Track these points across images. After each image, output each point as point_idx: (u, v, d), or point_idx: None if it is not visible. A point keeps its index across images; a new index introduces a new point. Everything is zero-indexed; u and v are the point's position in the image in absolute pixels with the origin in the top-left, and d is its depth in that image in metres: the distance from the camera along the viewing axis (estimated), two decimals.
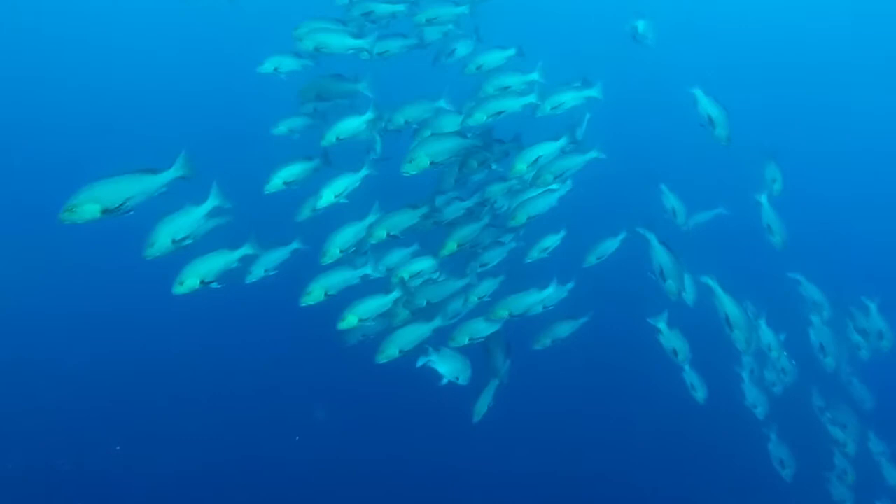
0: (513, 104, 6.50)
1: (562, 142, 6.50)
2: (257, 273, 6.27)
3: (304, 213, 6.53)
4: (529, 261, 7.05)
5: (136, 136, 13.97)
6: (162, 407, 9.86)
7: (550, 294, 6.82)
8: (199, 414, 9.91)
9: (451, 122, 6.65)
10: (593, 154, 6.74)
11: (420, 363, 6.14)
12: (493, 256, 6.93)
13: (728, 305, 5.96)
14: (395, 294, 6.26)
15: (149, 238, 4.93)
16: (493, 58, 7.09)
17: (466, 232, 6.59)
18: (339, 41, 6.54)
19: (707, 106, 6.54)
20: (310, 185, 6.63)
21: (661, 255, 6.16)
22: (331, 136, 6.66)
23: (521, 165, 6.33)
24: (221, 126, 14.33)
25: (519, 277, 6.91)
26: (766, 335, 7.66)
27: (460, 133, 6.20)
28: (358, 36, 6.65)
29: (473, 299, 6.71)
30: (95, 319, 11.08)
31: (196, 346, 10.63)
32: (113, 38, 18.96)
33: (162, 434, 9.63)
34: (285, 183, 6.46)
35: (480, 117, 6.29)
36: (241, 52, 10.33)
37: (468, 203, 6.88)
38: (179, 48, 18.20)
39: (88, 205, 4.32)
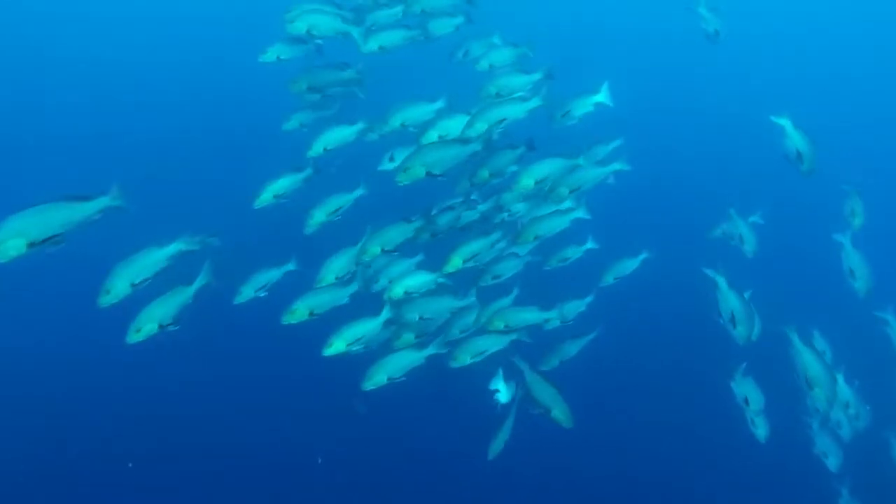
0: (516, 111, 6.07)
1: (577, 159, 6.13)
2: (247, 294, 6.15)
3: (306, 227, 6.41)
4: (549, 268, 6.90)
5: (121, 142, 13.44)
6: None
7: (562, 311, 6.71)
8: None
9: (455, 126, 6.12)
10: (616, 166, 6.36)
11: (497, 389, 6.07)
12: (507, 269, 6.51)
13: (809, 362, 5.33)
14: (385, 315, 5.86)
15: (105, 284, 4.60)
16: (504, 55, 6.87)
17: (474, 248, 6.15)
18: (330, 23, 6.42)
19: (797, 140, 6.02)
20: (300, 198, 6.49)
21: (731, 301, 5.60)
22: (318, 147, 6.55)
23: (528, 181, 5.92)
24: (214, 128, 13.80)
25: (533, 288, 6.64)
26: (844, 391, 6.80)
27: (461, 140, 5.72)
28: (352, 21, 6.50)
29: (478, 321, 6.33)
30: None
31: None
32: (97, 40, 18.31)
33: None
34: (276, 196, 6.37)
35: (482, 126, 5.83)
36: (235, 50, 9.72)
37: (474, 213, 6.47)
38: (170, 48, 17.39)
39: (12, 240, 3.96)
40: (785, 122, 6.02)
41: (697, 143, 15.32)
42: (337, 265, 6.00)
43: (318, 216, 6.34)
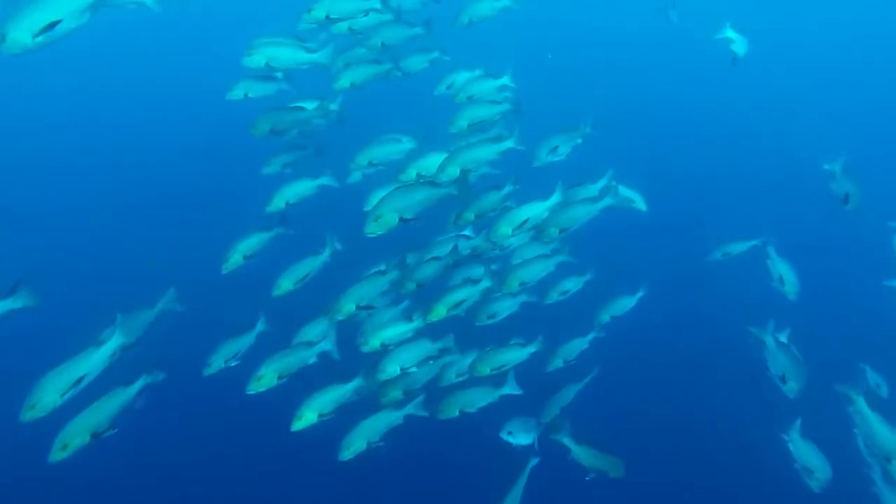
0: (487, 152, 5.93)
1: (555, 198, 5.86)
2: (217, 364, 5.74)
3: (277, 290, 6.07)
4: (549, 302, 6.77)
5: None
6: None
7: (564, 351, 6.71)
8: None
9: (431, 164, 5.92)
10: (607, 201, 6.04)
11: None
12: (502, 308, 6.29)
13: (880, 432, 5.09)
14: (357, 382, 5.46)
15: (30, 397, 4.10)
16: (485, 87, 6.86)
17: (461, 296, 5.91)
18: (291, 55, 6.07)
19: (846, 183, 6.10)
20: (268, 256, 6.28)
21: (781, 359, 5.52)
22: (279, 202, 6.41)
23: (506, 229, 5.71)
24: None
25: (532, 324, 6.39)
26: None
27: (433, 182, 5.44)
28: (314, 50, 6.18)
29: (457, 369, 6.11)
30: None
31: None
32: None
33: None
34: (245, 257, 6.13)
35: (454, 171, 5.63)
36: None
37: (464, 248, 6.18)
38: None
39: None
40: (836, 168, 6.06)
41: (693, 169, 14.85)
42: (311, 332, 5.74)
43: (286, 284, 6.01)
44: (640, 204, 7.42)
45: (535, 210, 5.73)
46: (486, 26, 7.24)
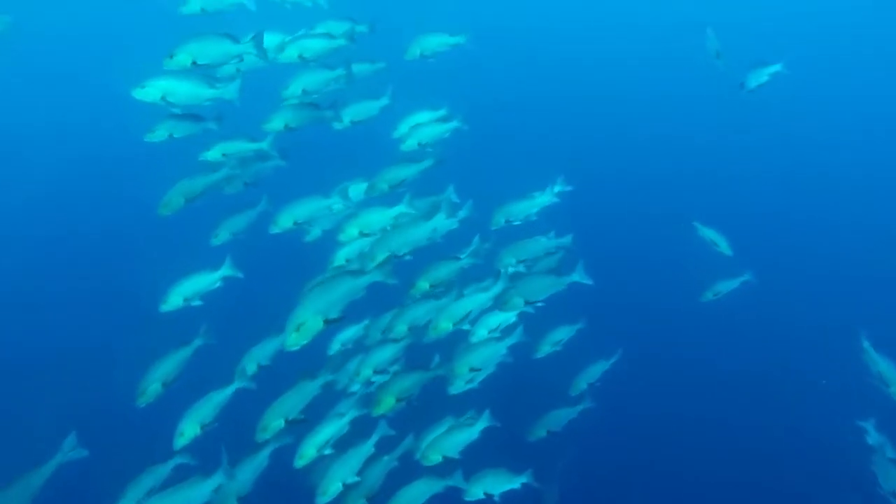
0: (421, 233, 5.55)
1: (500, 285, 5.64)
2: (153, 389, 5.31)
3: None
4: (540, 356, 6.65)
5: None
6: None
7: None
8: None
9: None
10: (574, 277, 5.99)
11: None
12: (487, 361, 5.75)
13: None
14: (351, 414, 5.30)
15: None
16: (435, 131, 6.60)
17: (408, 384, 5.44)
18: (187, 90, 5.38)
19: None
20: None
21: (880, 364, 5.80)
22: (223, 234, 6.29)
23: (423, 284, 5.40)
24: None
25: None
26: None
27: (357, 271, 4.97)
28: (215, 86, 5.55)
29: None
30: None
31: None
32: None
33: None
34: (185, 299, 5.73)
35: (382, 255, 5.26)
36: None
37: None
38: None
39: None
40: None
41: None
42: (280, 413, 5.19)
43: (251, 367, 5.54)
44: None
45: (476, 302, 5.49)
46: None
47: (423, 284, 5.39)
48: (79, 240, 11.51)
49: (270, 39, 6.26)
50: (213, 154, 6.03)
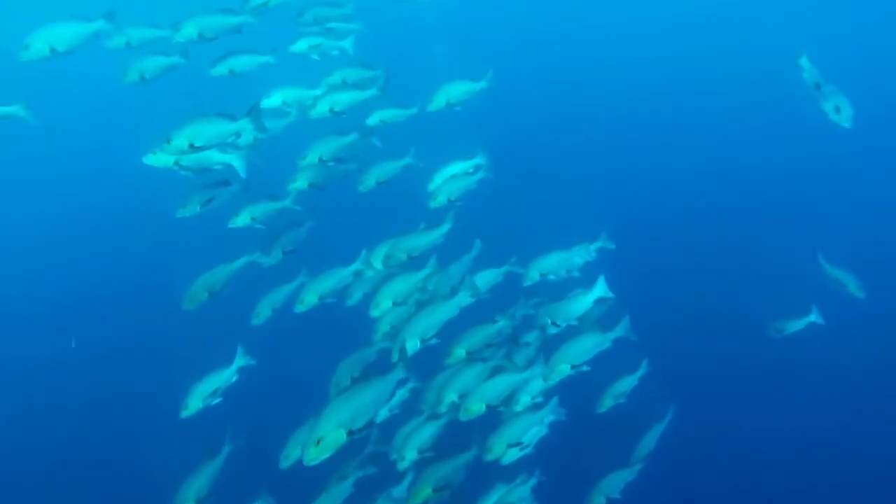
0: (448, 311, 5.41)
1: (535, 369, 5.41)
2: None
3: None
4: (603, 410, 6.23)
5: None
6: None
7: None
8: None
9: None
10: (619, 333, 5.69)
11: None
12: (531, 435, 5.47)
13: None
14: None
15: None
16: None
17: (444, 471, 5.26)
18: (199, 155, 5.36)
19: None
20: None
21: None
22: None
23: (460, 351, 5.31)
24: None
25: None
26: None
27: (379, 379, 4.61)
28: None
29: None
30: None
31: None
32: None
33: None
34: (205, 400, 5.55)
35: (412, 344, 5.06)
36: None
37: None
38: None
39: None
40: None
41: None
42: None
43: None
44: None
45: (514, 381, 5.25)
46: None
47: (460, 352, 5.26)
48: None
49: (298, 94, 6.55)
50: (241, 220, 6.04)
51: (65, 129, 13.42)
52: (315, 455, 4.06)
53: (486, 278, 6.05)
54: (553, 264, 6.07)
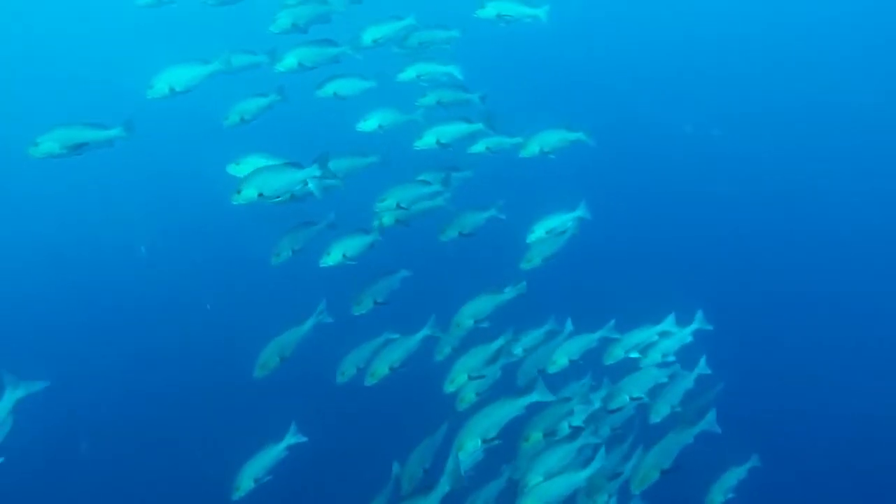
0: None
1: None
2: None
3: None
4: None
5: None
6: None
7: None
8: None
9: None
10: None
11: None
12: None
13: None
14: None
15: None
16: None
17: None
18: (280, 183, 5.39)
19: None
20: None
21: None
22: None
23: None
24: None
25: None
26: None
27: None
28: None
29: None
30: None
31: None
32: None
33: None
34: (256, 480, 5.49)
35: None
36: None
37: None
38: None
39: None
40: None
41: None
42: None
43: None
44: None
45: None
46: None
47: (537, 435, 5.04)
48: None
49: (395, 118, 6.50)
50: (333, 258, 5.87)
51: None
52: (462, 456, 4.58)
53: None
54: (637, 342, 5.84)
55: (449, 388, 5.33)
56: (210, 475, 5.79)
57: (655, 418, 5.58)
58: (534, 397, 5.04)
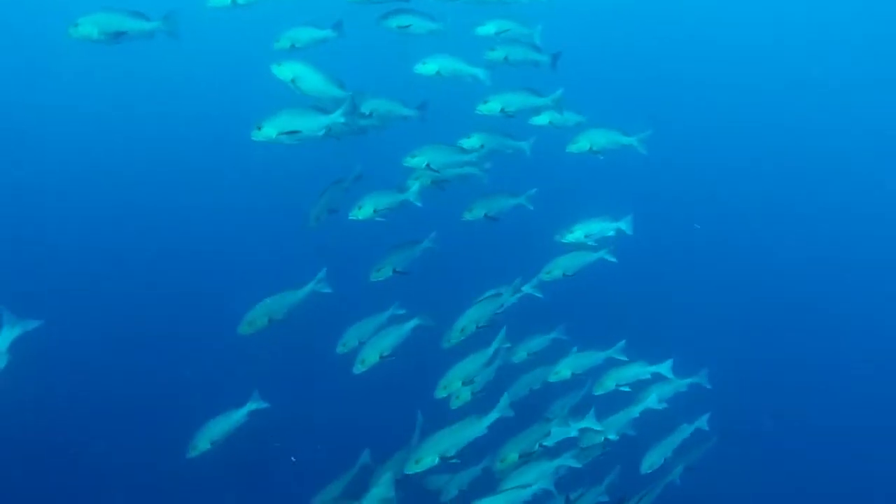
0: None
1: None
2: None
3: None
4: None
5: None
6: None
7: None
8: None
9: None
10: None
11: None
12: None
13: None
14: None
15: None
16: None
17: None
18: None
19: None
20: None
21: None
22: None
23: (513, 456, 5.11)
24: None
25: None
26: None
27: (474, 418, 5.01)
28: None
29: None
30: None
31: None
32: None
33: None
34: (212, 442, 5.45)
35: None
36: None
37: None
38: None
39: None
40: None
41: None
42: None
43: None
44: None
45: None
46: None
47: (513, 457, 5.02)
48: None
49: (455, 65, 6.08)
50: (364, 212, 5.69)
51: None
52: (412, 468, 4.75)
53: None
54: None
55: (441, 393, 5.21)
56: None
57: (646, 469, 5.57)
58: (494, 415, 4.96)
